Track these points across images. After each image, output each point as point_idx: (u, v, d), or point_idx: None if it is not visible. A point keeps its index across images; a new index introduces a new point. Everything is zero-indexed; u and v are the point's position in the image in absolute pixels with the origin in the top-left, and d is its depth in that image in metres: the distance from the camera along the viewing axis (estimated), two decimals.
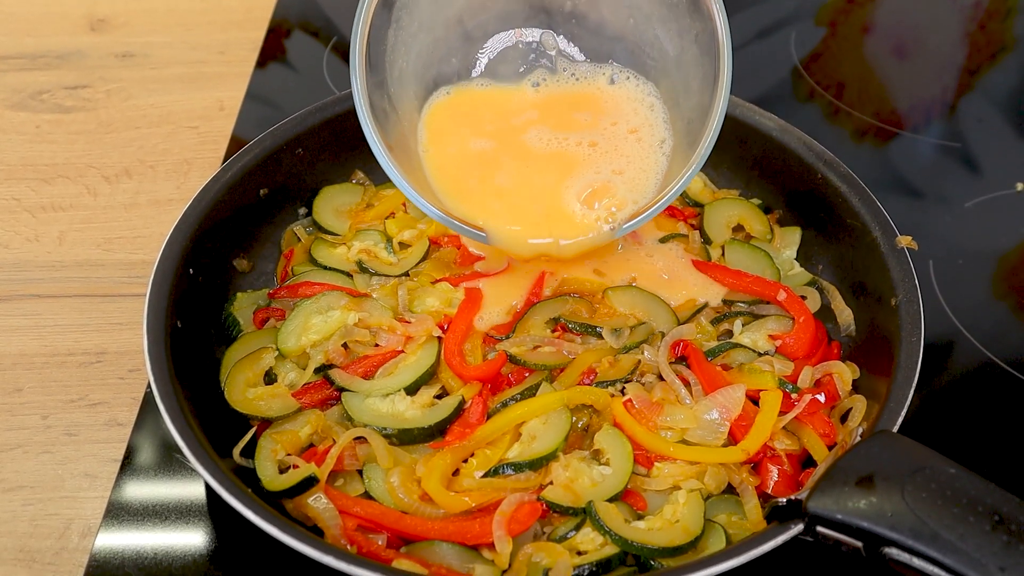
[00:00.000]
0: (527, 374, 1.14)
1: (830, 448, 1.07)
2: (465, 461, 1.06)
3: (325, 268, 1.27)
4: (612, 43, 1.18)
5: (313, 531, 0.99)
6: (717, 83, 1.07)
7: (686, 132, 1.14)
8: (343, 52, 1.82)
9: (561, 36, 1.19)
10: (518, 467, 1.04)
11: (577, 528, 1.01)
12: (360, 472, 1.05)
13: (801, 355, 1.18)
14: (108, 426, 1.20)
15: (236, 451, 1.06)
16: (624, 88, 1.15)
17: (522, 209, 1.11)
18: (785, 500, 0.93)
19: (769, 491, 1.05)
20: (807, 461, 1.09)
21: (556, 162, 1.12)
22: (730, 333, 1.21)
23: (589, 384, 1.13)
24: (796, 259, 1.33)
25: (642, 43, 1.16)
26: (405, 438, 1.08)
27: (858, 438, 1.04)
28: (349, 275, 1.26)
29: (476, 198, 1.11)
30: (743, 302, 1.24)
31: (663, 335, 1.17)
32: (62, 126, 1.65)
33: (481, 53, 1.18)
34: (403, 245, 1.31)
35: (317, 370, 1.13)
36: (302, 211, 1.36)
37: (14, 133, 1.63)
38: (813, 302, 1.25)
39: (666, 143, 1.14)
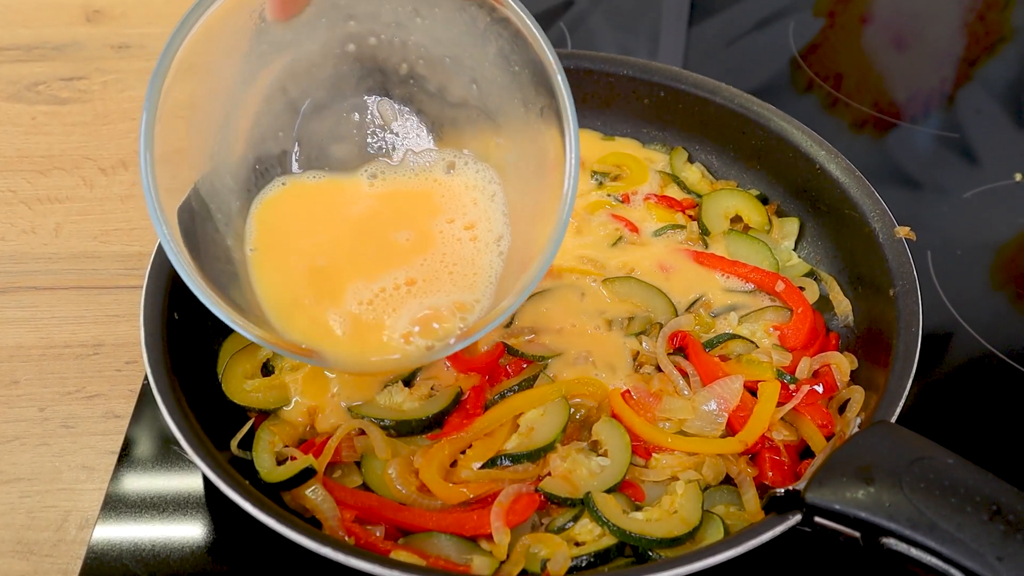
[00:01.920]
0: (524, 365, 1.14)
1: (828, 439, 1.07)
2: (463, 452, 1.06)
3: None
4: (454, 110, 1.05)
5: (311, 523, 0.99)
6: (564, 172, 0.92)
7: (526, 232, 1.01)
8: None
9: (398, 103, 1.06)
10: (516, 458, 1.04)
11: (575, 519, 1.01)
12: (358, 464, 1.05)
13: (799, 346, 1.18)
14: (105, 418, 1.19)
15: (234, 443, 1.06)
16: (463, 176, 1.02)
17: (353, 328, 0.97)
18: (783, 491, 0.93)
19: (767, 482, 1.05)
20: (805, 452, 1.09)
21: (387, 274, 0.99)
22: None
23: None
24: (794, 250, 1.33)
25: (487, 111, 1.03)
26: (403, 429, 1.07)
27: (856, 429, 1.03)
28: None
29: (305, 313, 0.98)
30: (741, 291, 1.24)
31: (661, 326, 1.17)
32: (58, 117, 1.64)
33: (308, 128, 1.04)
34: None
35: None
36: None
37: (10, 125, 1.62)
38: (811, 293, 1.25)
39: (503, 240, 1.01)
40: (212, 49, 0.94)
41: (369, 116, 1.05)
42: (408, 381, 1.11)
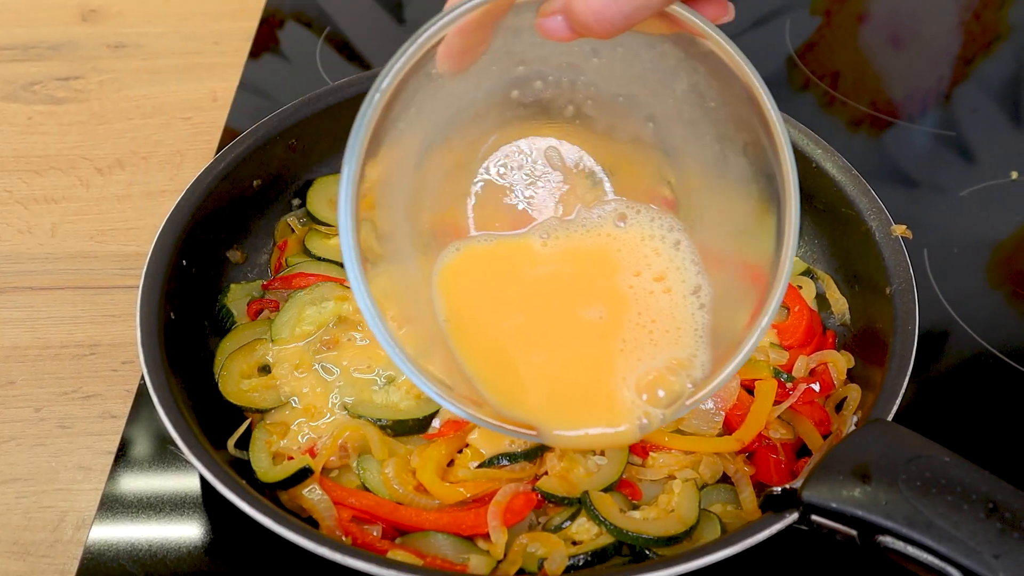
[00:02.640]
0: None
1: (825, 437, 1.07)
2: (460, 452, 1.06)
3: (319, 259, 1.26)
4: (624, 150, 0.96)
5: (308, 523, 0.99)
6: (783, 208, 0.85)
7: (730, 274, 0.93)
8: (336, 43, 1.82)
9: (566, 145, 0.97)
10: (513, 457, 1.04)
11: (572, 518, 1.01)
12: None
13: (796, 344, 1.18)
14: (102, 418, 1.19)
15: (230, 443, 1.06)
16: (637, 227, 0.93)
17: (576, 413, 0.88)
18: (780, 489, 0.93)
19: (764, 480, 1.05)
20: (802, 450, 1.09)
21: (591, 342, 0.90)
22: None
23: None
24: None
25: (665, 149, 0.94)
26: (400, 429, 1.07)
27: (853, 427, 1.04)
28: (343, 266, 1.25)
29: (523, 389, 0.89)
30: None
31: None
32: (54, 117, 1.64)
33: (477, 181, 0.97)
34: None
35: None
36: (296, 202, 1.36)
37: (6, 124, 1.62)
38: (808, 291, 1.25)
39: (702, 291, 0.92)
40: (395, 121, 0.85)
41: (535, 163, 0.97)
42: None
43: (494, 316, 0.92)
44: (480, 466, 1.04)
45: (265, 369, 1.14)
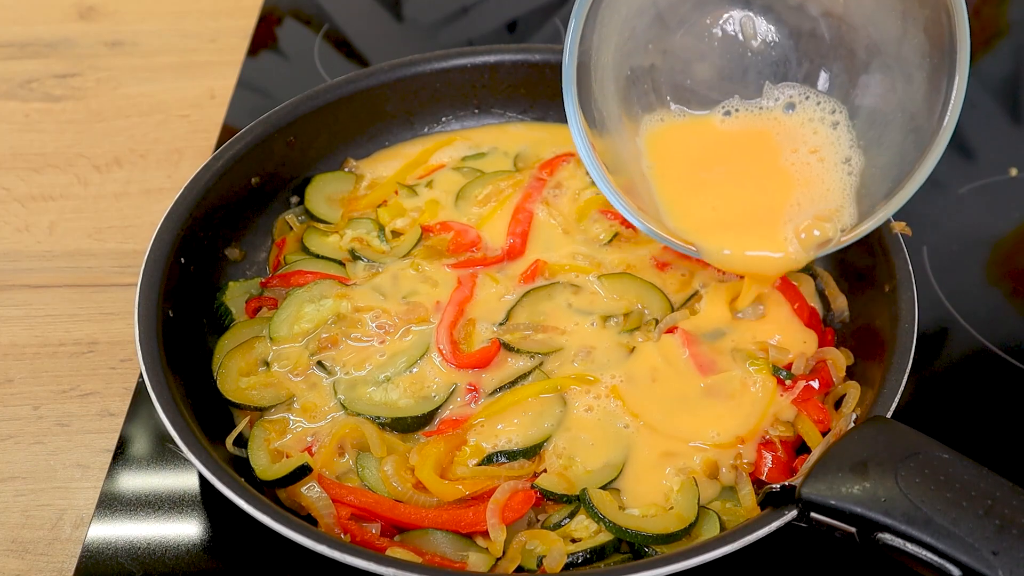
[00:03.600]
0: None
1: (824, 434, 1.07)
2: (459, 449, 1.06)
3: (317, 257, 1.26)
4: (815, 21, 1.13)
5: (307, 520, 0.98)
6: (952, 81, 1.01)
7: (886, 153, 1.11)
8: (334, 40, 1.81)
9: (760, 18, 1.14)
10: (512, 455, 1.04)
11: (571, 516, 1.01)
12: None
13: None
14: (100, 416, 1.19)
15: (229, 440, 1.05)
16: (804, 112, 1.13)
17: (743, 236, 1.12)
18: (779, 486, 0.93)
19: (763, 477, 1.05)
20: (801, 447, 1.09)
21: (759, 193, 1.13)
22: None
23: None
24: None
25: (853, 23, 1.11)
26: (399, 427, 1.07)
27: (852, 424, 1.03)
28: (341, 263, 1.26)
29: (696, 218, 1.13)
30: None
31: (657, 322, 1.17)
32: (51, 115, 1.63)
33: (673, 42, 1.16)
34: (395, 233, 1.30)
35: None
36: (294, 199, 1.36)
37: (3, 122, 1.62)
38: (807, 288, 1.25)
39: (852, 161, 1.11)
40: None
41: (731, 30, 1.15)
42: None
43: (686, 166, 1.16)
44: (479, 464, 1.04)
45: (264, 367, 1.14)
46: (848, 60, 1.12)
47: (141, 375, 1.01)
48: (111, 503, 1.08)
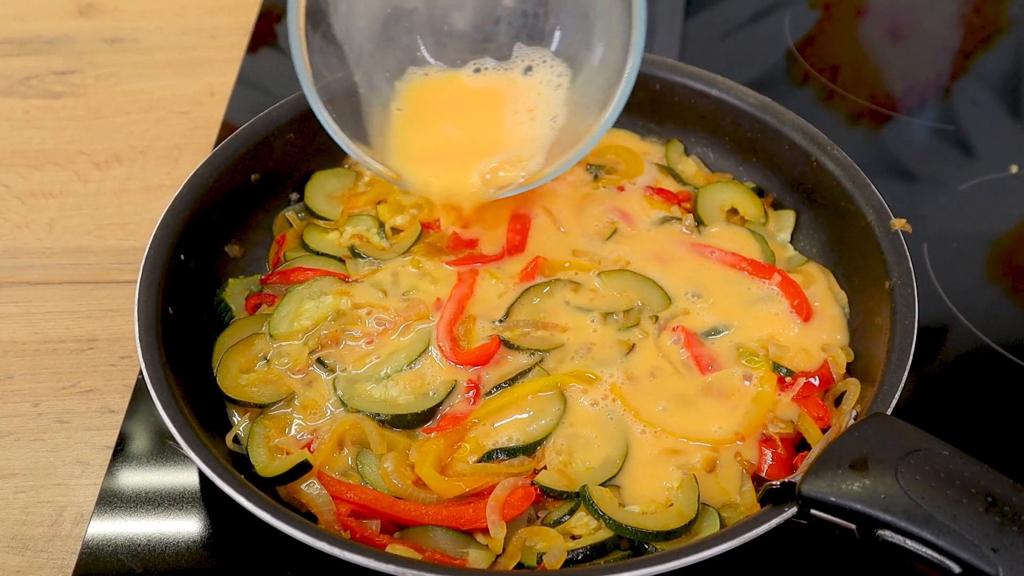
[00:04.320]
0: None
1: (824, 431, 1.07)
2: (458, 446, 1.06)
3: (317, 254, 1.26)
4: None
5: (307, 517, 0.98)
6: (631, 36, 1.11)
7: (582, 116, 1.20)
8: None
9: None
10: (512, 452, 1.04)
11: (571, 512, 1.01)
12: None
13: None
14: (100, 413, 1.19)
15: (229, 437, 1.05)
16: (538, 75, 1.26)
17: (437, 168, 1.23)
18: (779, 483, 0.93)
19: (763, 474, 1.05)
20: (801, 444, 1.09)
21: (468, 140, 1.26)
22: None
23: None
24: (790, 242, 1.32)
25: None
26: (398, 424, 1.07)
27: (852, 421, 1.03)
28: (341, 260, 1.25)
29: (409, 153, 1.24)
30: None
31: (657, 318, 1.17)
32: (51, 112, 1.63)
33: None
34: (395, 230, 1.30)
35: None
36: (294, 196, 1.36)
37: (2, 119, 1.61)
38: (826, 281, 1.24)
39: (558, 118, 1.23)
40: None
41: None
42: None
43: (424, 113, 1.27)
44: (479, 460, 1.04)
45: (264, 363, 1.14)
46: (579, 20, 1.24)
47: (141, 372, 1.01)
48: (111, 500, 1.08)
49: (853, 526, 0.86)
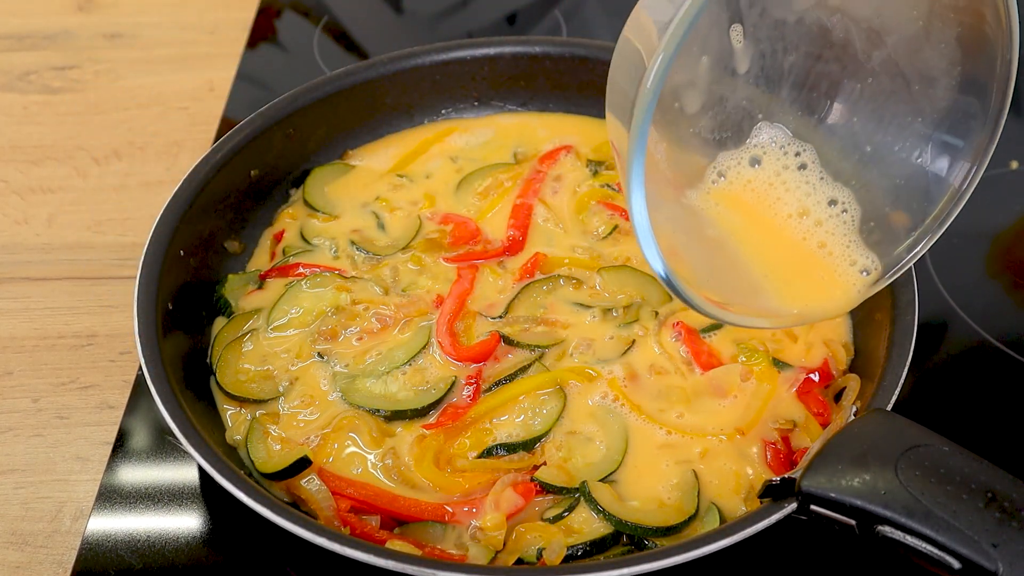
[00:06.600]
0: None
1: (824, 427, 1.07)
2: (458, 442, 1.06)
3: (316, 249, 1.26)
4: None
5: (306, 513, 0.98)
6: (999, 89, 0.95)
7: (877, 174, 1.03)
8: (333, 32, 1.81)
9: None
10: (511, 448, 1.04)
11: (571, 508, 1.01)
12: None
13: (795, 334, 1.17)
14: (99, 409, 1.19)
15: (228, 433, 1.05)
16: (769, 163, 1.03)
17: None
18: (779, 479, 0.93)
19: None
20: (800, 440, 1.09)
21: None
22: None
23: None
24: None
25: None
26: (398, 419, 1.07)
27: (852, 417, 1.03)
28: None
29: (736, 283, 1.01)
30: None
31: (656, 314, 1.17)
32: (50, 107, 1.63)
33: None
34: (395, 226, 1.30)
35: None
36: (293, 192, 1.35)
37: (1, 115, 1.61)
38: None
39: (838, 203, 1.03)
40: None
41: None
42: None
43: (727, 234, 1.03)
44: (479, 456, 1.04)
45: (263, 359, 1.14)
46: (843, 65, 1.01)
47: (140, 368, 1.01)
48: (110, 496, 1.08)
49: (853, 522, 0.86)
